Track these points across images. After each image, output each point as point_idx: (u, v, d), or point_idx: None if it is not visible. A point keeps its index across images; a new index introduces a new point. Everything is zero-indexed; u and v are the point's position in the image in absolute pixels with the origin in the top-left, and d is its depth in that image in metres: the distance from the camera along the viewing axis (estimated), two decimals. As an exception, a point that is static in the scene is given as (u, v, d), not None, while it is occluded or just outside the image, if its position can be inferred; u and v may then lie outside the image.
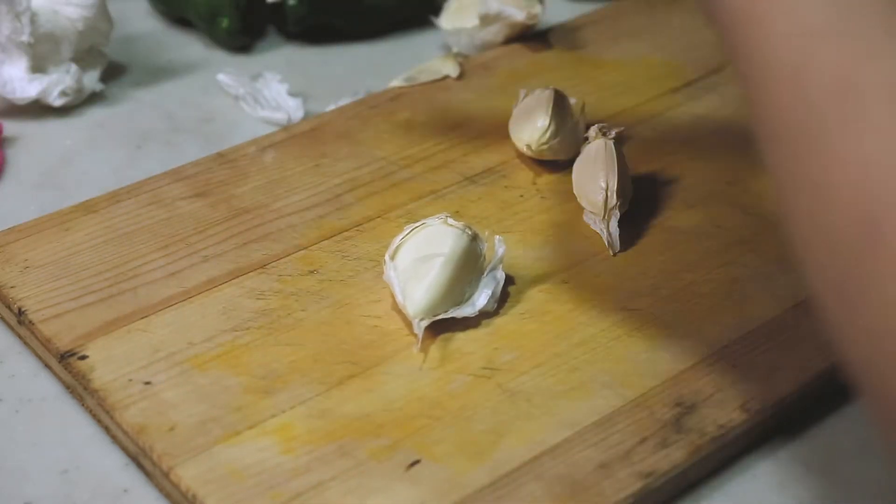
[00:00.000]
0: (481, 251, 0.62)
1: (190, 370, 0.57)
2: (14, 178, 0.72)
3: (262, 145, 0.72)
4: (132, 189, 0.68)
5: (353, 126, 0.74)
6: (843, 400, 0.61)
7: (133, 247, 0.64)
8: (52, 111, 0.76)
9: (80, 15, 0.76)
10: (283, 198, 0.68)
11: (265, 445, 0.54)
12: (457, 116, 0.75)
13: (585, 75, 0.80)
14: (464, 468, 0.53)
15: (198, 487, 0.52)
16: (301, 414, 0.55)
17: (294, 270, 0.63)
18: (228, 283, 0.62)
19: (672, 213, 0.68)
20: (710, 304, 0.62)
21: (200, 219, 0.66)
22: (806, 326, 0.61)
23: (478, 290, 0.60)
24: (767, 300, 0.63)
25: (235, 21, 0.82)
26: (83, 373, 0.57)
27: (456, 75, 0.78)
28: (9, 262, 0.62)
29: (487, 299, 0.60)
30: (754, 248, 0.66)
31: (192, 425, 0.55)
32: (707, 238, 0.67)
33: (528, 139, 0.70)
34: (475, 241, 0.62)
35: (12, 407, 0.58)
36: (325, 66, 0.83)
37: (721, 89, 0.78)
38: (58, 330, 0.59)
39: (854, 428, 0.59)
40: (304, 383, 0.57)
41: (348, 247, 0.65)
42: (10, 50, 0.75)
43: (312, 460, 0.53)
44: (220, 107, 0.79)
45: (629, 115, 0.76)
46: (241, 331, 0.60)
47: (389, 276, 0.60)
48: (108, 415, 0.56)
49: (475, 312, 0.60)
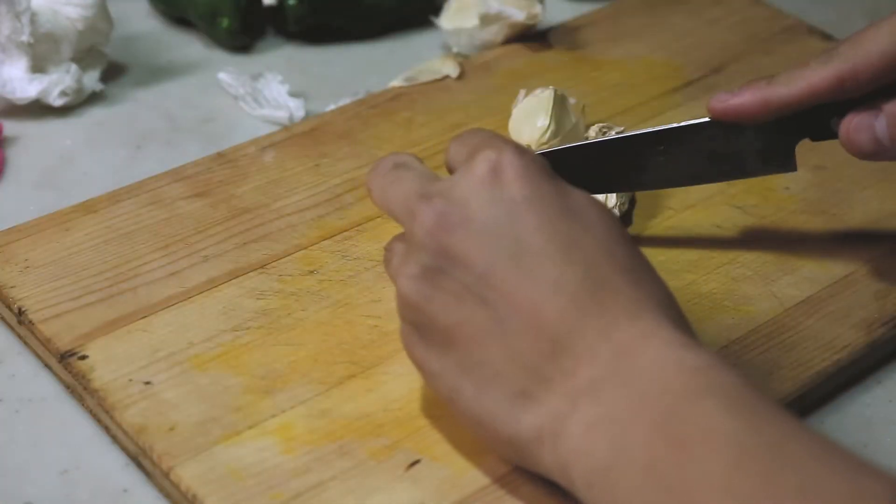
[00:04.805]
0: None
1: (190, 370, 0.57)
2: (14, 178, 0.72)
3: (262, 145, 0.72)
4: (132, 189, 0.68)
5: (353, 126, 0.74)
6: (844, 400, 0.61)
7: (133, 247, 0.64)
8: (52, 111, 0.76)
9: (80, 15, 0.76)
10: (283, 198, 0.68)
11: (265, 445, 0.54)
12: (457, 116, 0.75)
13: (585, 75, 0.80)
14: (464, 468, 0.53)
15: (198, 487, 0.52)
16: (301, 414, 0.55)
17: (294, 270, 0.63)
18: (228, 283, 0.62)
19: (672, 213, 0.68)
20: (710, 304, 0.63)
21: (200, 219, 0.66)
22: (806, 326, 0.62)
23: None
24: (767, 300, 0.63)
25: (235, 21, 0.82)
26: (83, 373, 0.57)
27: (456, 75, 0.78)
28: (9, 262, 0.62)
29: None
30: (754, 248, 0.66)
31: (192, 425, 0.55)
32: (707, 238, 0.67)
33: (528, 139, 0.70)
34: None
35: (12, 407, 0.58)
36: (325, 66, 0.83)
37: (721, 89, 0.78)
38: (58, 330, 0.59)
39: (854, 428, 0.59)
40: (304, 383, 0.57)
41: (348, 247, 0.65)
42: (10, 50, 0.75)
43: (312, 460, 0.53)
44: (220, 107, 0.79)
45: (629, 115, 0.76)
46: (241, 331, 0.60)
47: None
48: (108, 415, 0.56)
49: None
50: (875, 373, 0.62)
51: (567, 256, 0.49)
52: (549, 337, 0.49)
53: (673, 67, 0.81)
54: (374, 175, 0.55)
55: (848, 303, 0.63)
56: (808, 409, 0.59)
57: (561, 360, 0.48)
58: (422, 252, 0.51)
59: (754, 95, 0.61)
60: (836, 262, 0.66)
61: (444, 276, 0.50)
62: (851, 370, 0.61)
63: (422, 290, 0.51)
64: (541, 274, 0.49)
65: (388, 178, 0.54)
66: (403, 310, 0.52)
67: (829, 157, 0.72)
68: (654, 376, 0.47)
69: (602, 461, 0.47)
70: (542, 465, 0.50)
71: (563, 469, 0.48)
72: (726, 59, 0.82)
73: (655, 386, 0.47)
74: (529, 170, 0.51)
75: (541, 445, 0.49)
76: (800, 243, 0.67)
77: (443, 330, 0.51)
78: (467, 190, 0.51)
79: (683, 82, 0.80)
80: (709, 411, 0.45)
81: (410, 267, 0.51)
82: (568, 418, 0.48)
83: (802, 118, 0.61)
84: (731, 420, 0.45)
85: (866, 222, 0.69)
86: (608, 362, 0.48)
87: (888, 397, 0.61)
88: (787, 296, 0.63)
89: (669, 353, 0.47)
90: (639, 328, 0.48)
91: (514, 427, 0.49)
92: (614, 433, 0.47)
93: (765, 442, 0.44)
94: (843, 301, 0.63)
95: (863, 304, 0.63)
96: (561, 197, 0.51)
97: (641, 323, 0.48)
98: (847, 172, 0.72)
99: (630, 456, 0.46)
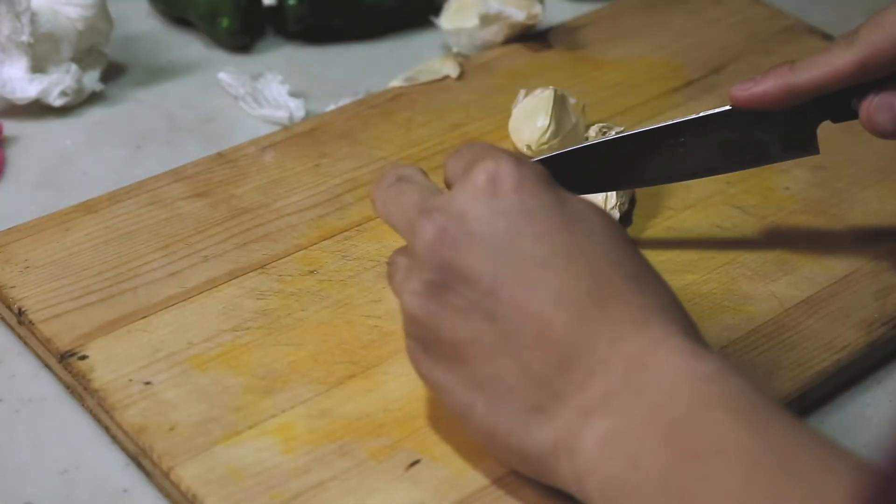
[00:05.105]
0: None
1: (190, 370, 0.57)
2: (14, 178, 0.72)
3: (262, 145, 0.72)
4: (132, 189, 0.68)
5: (353, 126, 0.74)
6: (844, 400, 0.61)
7: (133, 247, 0.64)
8: (52, 111, 0.76)
9: (80, 15, 0.76)
10: (283, 198, 0.68)
11: (265, 445, 0.54)
12: (457, 116, 0.75)
13: (585, 75, 0.80)
14: (463, 468, 0.53)
15: (198, 487, 0.52)
16: (301, 414, 0.55)
17: (294, 270, 0.63)
18: (228, 283, 0.62)
19: (672, 213, 0.68)
20: (710, 304, 0.63)
21: (200, 219, 0.66)
22: (806, 326, 0.62)
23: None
24: (767, 300, 0.63)
25: (235, 21, 0.82)
26: (83, 373, 0.57)
27: (456, 75, 0.78)
28: (9, 262, 0.62)
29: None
30: (754, 248, 0.66)
31: (192, 425, 0.55)
32: (707, 238, 0.67)
33: (528, 139, 0.70)
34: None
35: (12, 407, 0.58)
36: (325, 66, 0.83)
37: (721, 89, 0.78)
38: (58, 330, 0.59)
39: (854, 428, 0.59)
40: (304, 383, 0.57)
41: (348, 247, 0.65)
42: (10, 50, 0.75)
43: (312, 460, 0.53)
44: (220, 107, 0.78)
45: (629, 115, 0.76)
46: (241, 331, 0.60)
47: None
48: (108, 415, 0.56)
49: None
50: (875, 373, 0.62)
51: (571, 266, 0.49)
52: (558, 349, 0.48)
53: (673, 67, 0.81)
54: (377, 188, 0.55)
55: (848, 303, 0.63)
56: (808, 409, 0.59)
57: (572, 374, 0.48)
58: (424, 267, 0.50)
59: (777, 82, 0.61)
60: (836, 262, 0.66)
61: (448, 292, 0.50)
62: (851, 370, 0.61)
63: (426, 306, 0.50)
64: (546, 285, 0.49)
65: (390, 192, 0.54)
66: (408, 326, 0.52)
67: (829, 157, 0.72)
68: (663, 388, 0.47)
69: (617, 475, 0.46)
70: (558, 479, 0.49)
71: (579, 483, 0.48)
72: (726, 59, 0.82)
73: (666, 397, 0.47)
74: (527, 179, 0.50)
75: (556, 459, 0.49)
76: (800, 243, 0.67)
77: (450, 345, 0.50)
78: (466, 203, 0.50)
79: (683, 82, 0.80)
80: (719, 423, 0.45)
81: (413, 283, 0.51)
82: (581, 432, 0.48)
83: (822, 100, 0.61)
84: (741, 431, 0.45)
85: (866, 222, 0.69)
86: (619, 375, 0.48)
87: (888, 397, 0.61)
88: (787, 296, 0.63)
89: (678, 363, 0.47)
90: (648, 337, 0.48)
91: (528, 441, 0.49)
92: (628, 447, 0.46)
93: (775, 454, 0.44)
94: (843, 301, 0.63)
95: (863, 304, 0.63)
96: (560, 205, 0.51)
97: (649, 330, 0.48)
98: (847, 172, 0.72)
99: (644, 470, 0.46)
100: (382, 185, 0.55)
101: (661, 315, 0.49)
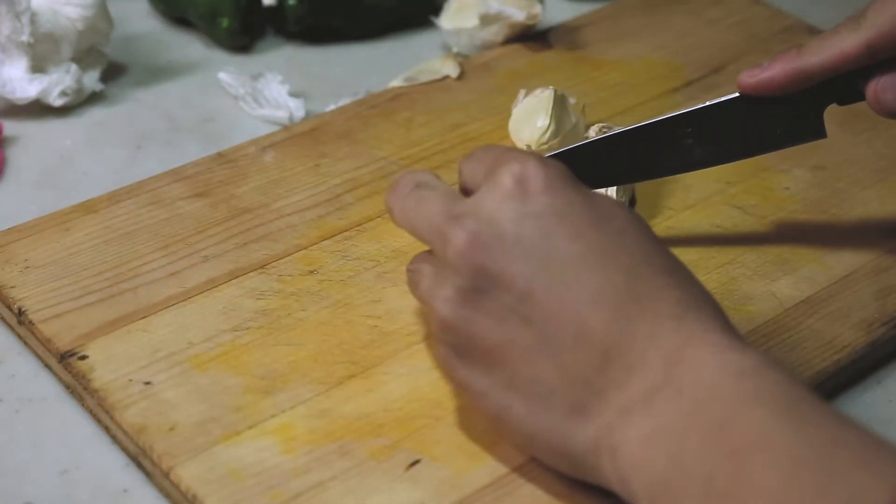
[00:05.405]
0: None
1: (190, 370, 0.57)
2: (14, 178, 0.72)
3: (262, 145, 0.72)
4: (132, 189, 0.68)
5: (353, 126, 0.74)
6: (844, 400, 0.61)
7: (133, 247, 0.64)
8: (52, 111, 0.76)
9: (80, 15, 0.76)
10: (283, 198, 0.68)
11: (265, 445, 0.54)
12: (457, 116, 0.75)
13: (585, 75, 0.80)
14: (464, 468, 0.53)
15: (198, 487, 0.52)
16: (301, 414, 0.55)
17: (294, 270, 0.63)
18: (228, 283, 0.62)
19: (672, 213, 0.68)
20: (710, 304, 0.62)
21: (200, 219, 0.66)
22: (806, 326, 0.62)
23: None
24: (767, 300, 0.63)
25: (235, 21, 0.82)
26: (83, 373, 0.57)
27: (456, 75, 0.78)
28: (9, 262, 0.62)
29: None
30: (754, 248, 0.66)
31: (192, 425, 0.55)
32: (707, 238, 0.67)
33: (529, 139, 0.70)
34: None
35: (12, 407, 0.58)
36: (325, 66, 0.83)
37: (721, 89, 0.78)
38: (58, 330, 0.59)
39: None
40: (304, 383, 0.57)
41: (348, 247, 0.65)
42: (10, 50, 0.75)
43: (312, 460, 0.53)
44: (220, 107, 0.79)
45: (629, 115, 0.76)
46: (241, 331, 0.60)
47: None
48: (108, 415, 0.56)
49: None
50: (875, 373, 0.62)
51: (606, 264, 0.49)
52: (597, 348, 0.48)
53: (673, 67, 0.81)
54: (394, 195, 0.54)
55: (848, 303, 0.63)
56: (808, 409, 0.59)
57: (612, 372, 0.48)
58: (456, 274, 0.50)
59: (786, 67, 0.61)
60: (836, 262, 0.66)
61: (483, 297, 0.50)
62: (851, 370, 0.61)
63: (461, 312, 0.50)
64: (582, 285, 0.49)
65: (410, 200, 0.53)
66: (442, 333, 0.51)
67: (829, 157, 0.72)
68: (704, 384, 0.47)
69: (661, 474, 0.46)
70: (602, 478, 0.49)
71: (623, 482, 0.48)
72: (726, 59, 0.82)
73: (706, 393, 0.46)
74: (555, 180, 0.50)
75: (599, 459, 0.48)
76: (800, 243, 0.67)
77: (486, 350, 0.50)
78: (495, 206, 0.50)
79: (683, 82, 0.80)
80: (760, 419, 0.45)
81: (446, 290, 0.50)
82: (624, 431, 0.47)
83: (829, 83, 0.62)
84: (782, 428, 0.45)
85: (866, 222, 0.69)
86: (659, 372, 0.47)
87: (888, 397, 0.61)
88: (787, 296, 0.63)
89: (718, 358, 0.47)
90: (685, 331, 0.48)
91: (570, 441, 0.49)
92: (670, 445, 0.46)
93: (815, 450, 0.44)
94: (843, 301, 0.63)
95: (863, 304, 0.63)
96: (589, 203, 0.50)
97: (687, 324, 0.48)
98: (847, 172, 0.72)
99: (688, 468, 0.46)
100: (399, 192, 0.54)
101: (697, 308, 0.49)
